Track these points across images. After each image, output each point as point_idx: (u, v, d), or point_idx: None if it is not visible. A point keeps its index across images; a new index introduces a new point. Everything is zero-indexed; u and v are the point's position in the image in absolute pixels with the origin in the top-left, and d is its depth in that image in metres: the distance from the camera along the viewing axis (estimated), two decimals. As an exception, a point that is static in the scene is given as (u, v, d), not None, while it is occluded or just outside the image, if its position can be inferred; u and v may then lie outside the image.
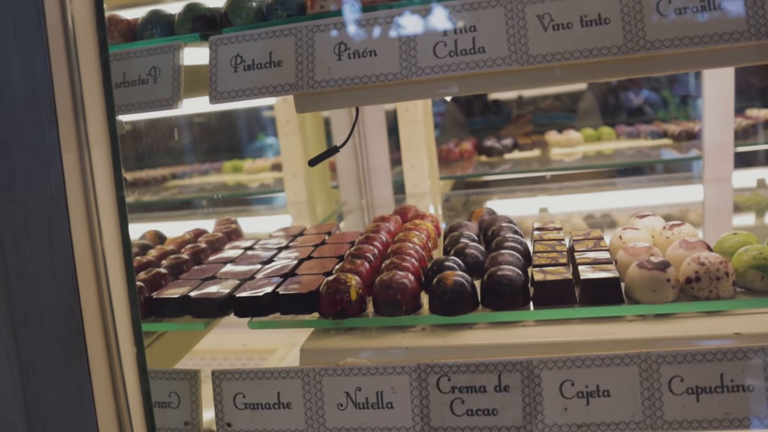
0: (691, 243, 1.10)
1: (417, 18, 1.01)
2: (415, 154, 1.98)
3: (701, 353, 0.93)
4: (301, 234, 1.49)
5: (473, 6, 1.00)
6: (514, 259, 1.14)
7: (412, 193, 2.02)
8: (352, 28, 1.04)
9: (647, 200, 2.67)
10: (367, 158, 1.99)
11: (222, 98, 1.08)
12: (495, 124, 3.61)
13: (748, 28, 0.93)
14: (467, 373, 0.99)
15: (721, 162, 1.89)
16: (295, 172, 2.00)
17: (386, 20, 1.03)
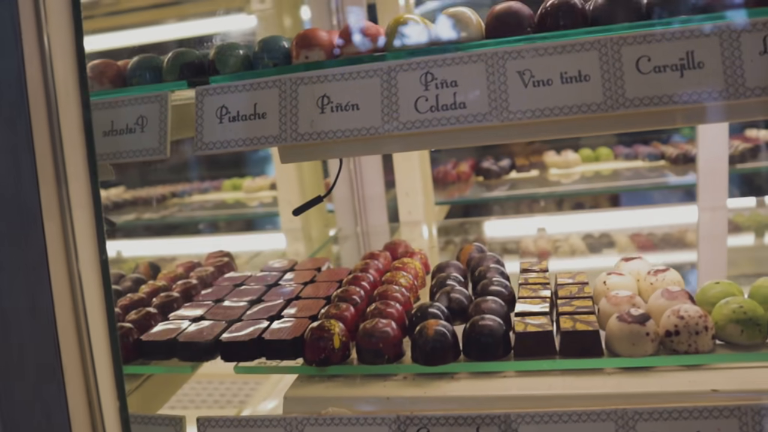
0: (673, 293, 1.11)
1: (399, 72, 1.02)
2: (409, 183, 1.99)
3: (677, 410, 0.94)
4: (292, 269, 1.51)
5: (455, 61, 1.01)
6: (497, 306, 1.14)
7: (406, 222, 2.03)
8: (335, 81, 1.05)
9: (645, 221, 2.66)
10: (362, 186, 2.00)
11: (207, 149, 1.10)
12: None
13: (726, 87, 0.93)
14: (446, 426, 1.00)
15: (716, 188, 1.89)
16: (290, 199, 2.01)
17: (368, 74, 1.04)
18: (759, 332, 1.03)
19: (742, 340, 1.03)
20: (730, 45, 0.94)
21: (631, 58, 0.96)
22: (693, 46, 0.94)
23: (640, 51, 0.96)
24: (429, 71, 1.02)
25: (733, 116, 0.97)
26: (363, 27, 1.10)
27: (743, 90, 0.93)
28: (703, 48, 0.94)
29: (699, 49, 0.94)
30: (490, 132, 1.03)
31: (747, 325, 1.02)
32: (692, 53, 0.94)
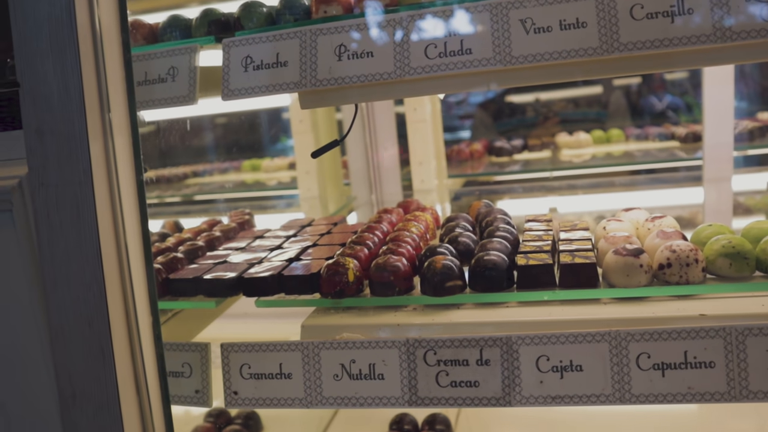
0: (668, 233, 1.17)
1: (410, 22, 1.11)
2: (422, 152, 2.07)
3: (667, 332, 1.01)
4: (310, 225, 1.59)
5: (462, 11, 1.09)
6: (502, 246, 1.22)
7: (419, 190, 2.11)
8: (351, 31, 1.14)
9: (657, 201, 2.72)
10: (377, 156, 2.08)
11: (233, 95, 1.18)
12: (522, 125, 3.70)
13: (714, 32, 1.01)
14: (452, 348, 1.07)
15: (722, 164, 1.95)
16: (308, 169, 2.10)
17: (382, 24, 1.12)
18: (747, 265, 1.09)
19: (731, 273, 1.10)
20: (719, -8, 1.01)
21: (626, 5, 1.03)
22: (684, -6, 1.02)
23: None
24: (438, 20, 1.10)
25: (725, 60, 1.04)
26: (378, -17, 1.18)
27: (730, 34, 1.00)
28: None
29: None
30: (494, 76, 1.10)
31: (735, 259, 1.09)
32: (683, 1, 1.02)
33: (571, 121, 3.54)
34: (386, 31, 1.12)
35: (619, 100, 3.71)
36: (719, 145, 1.93)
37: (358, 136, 2.08)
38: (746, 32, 0.99)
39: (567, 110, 3.68)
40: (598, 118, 3.61)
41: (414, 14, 1.11)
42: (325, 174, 2.11)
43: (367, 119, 2.09)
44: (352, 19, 1.14)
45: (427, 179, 2.08)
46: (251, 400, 1.16)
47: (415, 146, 2.09)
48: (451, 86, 1.13)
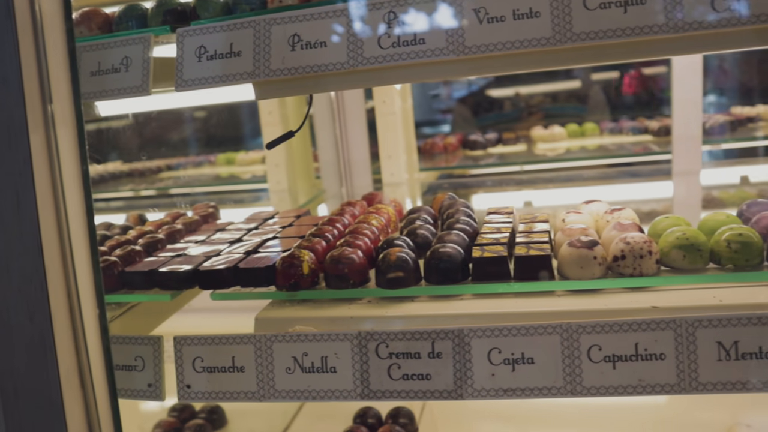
0: (624, 225, 1.17)
1: (364, 12, 1.09)
2: (392, 146, 2.06)
3: (618, 324, 1.00)
4: (273, 217, 1.58)
5: (415, 1, 1.07)
6: (460, 238, 1.21)
7: (389, 183, 2.10)
8: (305, 21, 1.12)
9: (631, 194, 2.72)
10: (347, 150, 2.07)
11: (187, 86, 1.17)
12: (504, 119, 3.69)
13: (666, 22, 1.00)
14: (403, 341, 1.06)
15: (690, 157, 1.95)
16: (277, 162, 2.09)
17: (336, 14, 1.11)
18: (700, 257, 1.09)
19: (685, 265, 1.10)
20: (670, -18, 1.00)
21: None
22: (636, -16, 1.01)
23: (587, -11, 1.02)
24: (392, 10, 1.09)
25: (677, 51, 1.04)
26: (333, -28, 1.17)
27: (682, 24, 0.99)
28: (645, -15, 1.00)
29: (641, -14, 1.01)
30: (447, 66, 1.09)
31: (689, 251, 1.09)
32: (635, -10, 1.01)
33: (554, 115, 3.54)
34: (340, 21, 1.11)
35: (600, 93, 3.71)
36: (688, 139, 1.93)
37: (329, 129, 2.06)
38: (698, 23, 0.99)
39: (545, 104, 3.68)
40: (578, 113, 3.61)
41: (368, 3, 1.09)
42: (295, 167, 2.10)
43: (337, 112, 2.08)
44: (306, 9, 1.12)
45: (396, 172, 2.07)
46: (204, 394, 1.15)
47: (385, 139, 2.08)
48: (404, 77, 1.12)
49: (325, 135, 2.05)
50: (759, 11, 0.97)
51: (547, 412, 1.66)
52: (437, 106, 4.17)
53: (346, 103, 2.06)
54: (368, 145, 2.08)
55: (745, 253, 1.07)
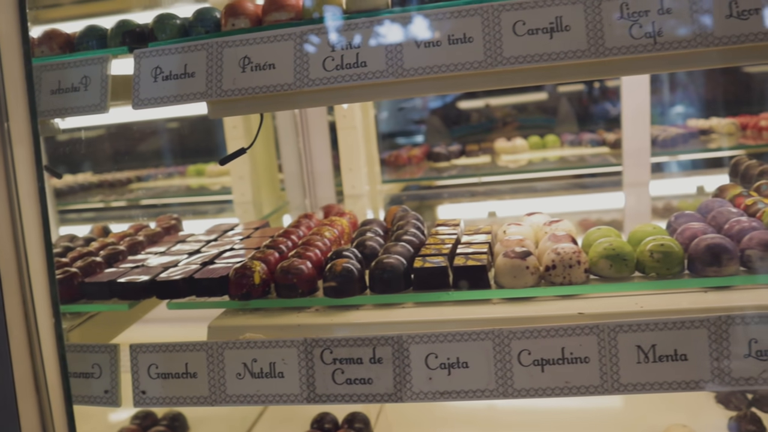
0: (558, 237, 1.24)
1: (310, 36, 1.16)
2: (353, 158, 2.13)
3: (546, 329, 1.07)
4: (232, 229, 1.64)
5: (358, 26, 1.14)
6: (405, 249, 1.28)
7: (350, 195, 2.16)
8: (255, 44, 1.18)
9: (589, 204, 2.81)
10: (311, 162, 2.13)
11: (143, 105, 1.22)
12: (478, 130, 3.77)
13: (588, 48, 1.07)
14: (346, 347, 1.13)
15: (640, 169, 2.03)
16: (241, 174, 2.14)
17: (284, 38, 1.17)
18: (626, 266, 1.16)
19: (612, 274, 1.17)
20: (593, 11, 1.08)
21: (509, 22, 1.10)
22: (561, 12, 1.08)
23: (516, 16, 1.10)
24: (336, 35, 1.15)
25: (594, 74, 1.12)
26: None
27: (603, 50, 1.07)
28: (570, 13, 1.08)
29: (566, 14, 1.08)
30: (388, 88, 1.16)
31: (615, 260, 1.16)
32: (560, 18, 1.08)
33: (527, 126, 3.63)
34: (287, 44, 1.17)
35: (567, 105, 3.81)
36: (637, 151, 2.01)
37: (292, 141, 2.12)
38: (617, 48, 1.06)
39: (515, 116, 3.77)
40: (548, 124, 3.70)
41: (314, 28, 1.16)
42: (259, 179, 2.16)
43: (300, 125, 2.14)
44: (255, 33, 1.18)
45: (357, 185, 2.14)
46: (158, 399, 1.20)
47: (345, 152, 2.14)
48: (348, 97, 1.19)
49: (289, 147, 2.11)
50: (672, 39, 1.05)
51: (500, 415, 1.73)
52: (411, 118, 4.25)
53: (309, 117, 2.13)
54: (331, 157, 2.15)
55: (667, 263, 1.14)
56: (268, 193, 2.19)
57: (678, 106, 3.03)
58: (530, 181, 2.74)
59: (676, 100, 3.02)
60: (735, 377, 1.04)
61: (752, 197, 1.37)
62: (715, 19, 1.04)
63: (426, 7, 1.13)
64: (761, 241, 1.12)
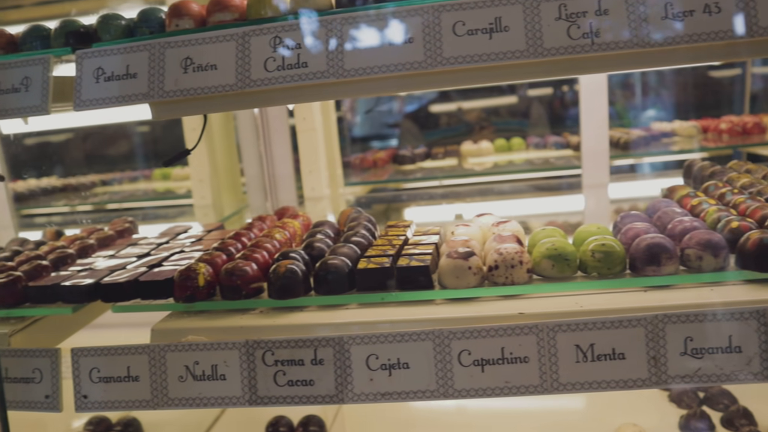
0: (503, 237, 1.24)
1: (251, 37, 1.15)
2: (312, 161, 2.12)
3: (485, 329, 1.07)
4: (185, 232, 1.62)
5: (299, 26, 1.14)
6: (352, 251, 1.27)
7: (310, 197, 2.16)
8: (197, 45, 1.18)
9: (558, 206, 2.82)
10: (272, 165, 2.12)
11: (84, 106, 1.21)
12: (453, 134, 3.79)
13: (527, 48, 1.08)
14: (288, 348, 1.12)
15: (598, 171, 2.05)
16: (201, 177, 2.13)
17: (226, 38, 1.16)
18: (568, 266, 1.17)
19: (554, 274, 1.17)
20: (532, 12, 1.08)
21: (449, 22, 1.10)
22: (500, 13, 1.09)
23: (456, 17, 1.10)
24: (277, 35, 1.15)
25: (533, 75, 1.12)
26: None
27: (541, 50, 1.07)
28: (509, 14, 1.08)
29: (505, 15, 1.09)
30: (329, 88, 1.16)
31: (557, 260, 1.16)
32: (500, 19, 1.09)
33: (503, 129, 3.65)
34: (229, 45, 1.16)
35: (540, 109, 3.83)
36: (596, 153, 2.03)
37: (253, 144, 2.11)
38: (555, 49, 1.07)
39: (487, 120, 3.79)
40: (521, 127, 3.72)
41: (255, 29, 1.15)
42: (220, 182, 2.14)
43: (261, 128, 2.13)
44: (197, 34, 1.18)
45: (317, 187, 2.13)
46: (100, 404, 1.19)
47: (305, 155, 2.14)
48: (290, 98, 1.18)
49: (250, 150, 2.10)
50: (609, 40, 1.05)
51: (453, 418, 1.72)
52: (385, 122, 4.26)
53: (270, 120, 2.12)
54: (292, 160, 2.14)
55: (607, 262, 1.15)
56: (229, 196, 2.18)
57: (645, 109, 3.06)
58: (497, 183, 2.75)
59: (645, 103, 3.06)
60: (671, 375, 1.05)
61: (698, 197, 1.39)
62: (651, 21, 1.05)
63: (368, 8, 1.13)
64: (700, 241, 1.13)
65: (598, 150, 2.02)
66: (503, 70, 1.12)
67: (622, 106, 3.64)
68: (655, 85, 3.37)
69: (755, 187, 1.42)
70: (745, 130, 2.46)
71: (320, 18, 1.13)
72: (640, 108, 3.43)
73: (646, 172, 2.60)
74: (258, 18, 1.20)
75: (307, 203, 2.15)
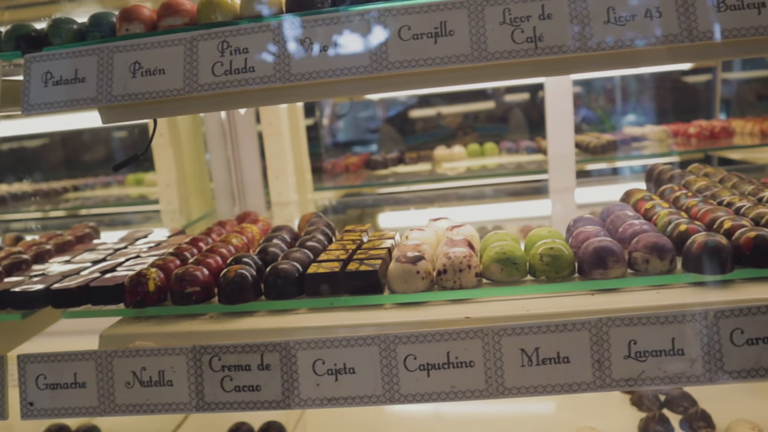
0: (455, 241, 1.24)
1: (200, 41, 1.15)
2: (279, 166, 2.12)
3: (431, 334, 1.07)
4: (145, 237, 1.62)
5: (247, 31, 1.14)
6: (305, 256, 1.27)
7: (277, 202, 2.15)
8: (146, 49, 1.17)
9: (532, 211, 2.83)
10: (240, 170, 2.12)
11: (33, 110, 1.20)
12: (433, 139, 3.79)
13: (471, 52, 1.08)
14: (235, 353, 1.11)
15: (564, 175, 2.05)
16: (168, 183, 2.12)
17: (174, 43, 1.16)
18: (516, 270, 1.17)
19: (503, 277, 1.17)
20: (476, 16, 1.09)
21: (395, 27, 1.10)
22: (446, 17, 1.09)
23: (402, 21, 1.10)
24: (225, 40, 1.15)
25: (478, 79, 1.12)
26: (177, 3, 1.22)
27: (485, 54, 1.08)
28: (454, 19, 1.09)
29: (450, 19, 1.09)
30: (276, 93, 1.16)
31: (506, 264, 1.17)
32: (445, 23, 1.09)
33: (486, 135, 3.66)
34: (177, 49, 1.16)
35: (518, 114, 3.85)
36: (562, 158, 2.03)
37: (220, 149, 2.11)
38: (499, 53, 1.07)
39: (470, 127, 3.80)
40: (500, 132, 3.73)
41: (203, 34, 1.15)
42: (187, 187, 2.14)
43: (229, 133, 2.13)
44: (146, 38, 1.17)
45: (285, 192, 2.13)
46: (47, 411, 1.18)
47: (272, 160, 2.13)
48: (237, 102, 1.18)
49: (217, 155, 2.10)
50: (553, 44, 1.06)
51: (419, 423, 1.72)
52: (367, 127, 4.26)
53: (238, 125, 2.12)
54: (260, 165, 2.14)
55: (555, 266, 1.15)
56: (197, 201, 2.17)
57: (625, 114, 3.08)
58: (471, 188, 2.76)
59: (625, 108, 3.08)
60: (615, 378, 1.05)
61: (652, 201, 1.39)
62: (594, 25, 1.06)
63: (313, 13, 1.13)
64: (647, 244, 1.14)
65: (564, 154, 2.03)
66: (449, 74, 1.12)
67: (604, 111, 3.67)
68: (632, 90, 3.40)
69: (710, 191, 1.43)
70: (713, 134, 2.48)
71: (268, 23, 1.13)
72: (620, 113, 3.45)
73: (616, 176, 2.61)
74: (208, 22, 1.20)
75: (274, 208, 2.14)
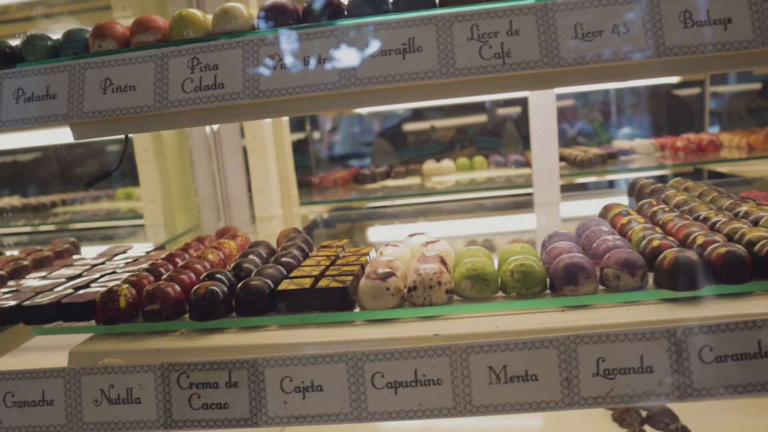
0: (427, 257, 1.24)
1: (170, 57, 1.15)
2: (263, 181, 2.12)
3: (398, 351, 1.06)
4: (124, 252, 1.61)
5: (217, 48, 1.14)
6: (277, 272, 1.26)
7: (261, 217, 2.15)
8: (117, 66, 1.17)
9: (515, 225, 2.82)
10: (225, 184, 2.12)
11: (4, 126, 1.21)
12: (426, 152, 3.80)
13: (439, 68, 1.08)
14: (203, 371, 1.11)
15: (549, 189, 2.05)
16: (153, 197, 2.12)
17: (145, 59, 1.16)
18: (487, 287, 1.16)
19: (473, 294, 1.17)
20: (444, 32, 1.09)
21: (362, 43, 1.10)
22: (414, 33, 1.09)
23: (370, 37, 1.10)
24: (195, 56, 1.15)
25: (447, 95, 1.12)
26: (150, 20, 1.23)
27: (453, 70, 1.07)
28: (422, 35, 1.09)
29: (418, 35, 1.09)
30: (245, 109, 1.16)
31: (476, 281, 1.16)
32: (413, 39, 1.09)
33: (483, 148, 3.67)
34: (148, 66, 1.16)
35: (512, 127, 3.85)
36: (546, 172, 2.03)
37: (205, 164, 2.11)
38: (467, 69, 1.07)
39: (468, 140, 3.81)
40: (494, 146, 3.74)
41: (174, 50, 1.15)
42: (173, 202, 2.14)
43: (214, 147, 2.13)
44: (117, 55, 1.17)
45: (269, 207, 2.13)
46: (14, 429, 1.17)
47: (256, 174, 2.13)
48: (207, 119, 1.18)
49: (203, 170, 2.10)
50: (520, 60, 1.06)
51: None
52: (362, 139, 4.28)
53: (224, 139, 2.12)
54: (245, 179, 2.14)
55: (526, 282, 1.15)
56: (182, 215, 2.17)
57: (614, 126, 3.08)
58: (458, 202, 2.75)
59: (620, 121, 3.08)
60: (584, 396, 1.04)
61: (629, 216, 1.39)
62: (561, 41, 1.06)
63: (283, 30, 1.13)
64: (618, 260, 1.13)
65: (549, 168, 2.02)
66: (417, 90, 1.12)
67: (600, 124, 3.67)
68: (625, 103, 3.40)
69: (688, 205, 1.42)
70: (700, 147, 2.47)
71: (237, 40, 1.13)
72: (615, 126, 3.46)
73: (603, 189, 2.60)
74: (180, 39, 1.20)
75: (258, 223, 2.14)
